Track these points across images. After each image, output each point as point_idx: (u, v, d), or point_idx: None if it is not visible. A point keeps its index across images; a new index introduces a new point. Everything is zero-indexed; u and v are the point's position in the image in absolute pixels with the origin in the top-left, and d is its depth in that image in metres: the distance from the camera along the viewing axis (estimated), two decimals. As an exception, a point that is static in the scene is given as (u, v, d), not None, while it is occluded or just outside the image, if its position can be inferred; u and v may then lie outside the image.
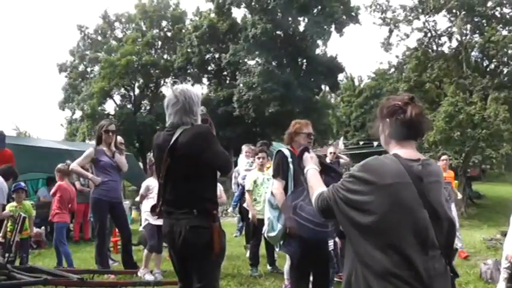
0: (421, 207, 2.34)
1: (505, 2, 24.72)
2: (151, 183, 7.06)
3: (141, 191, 7.21)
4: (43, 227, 11.17)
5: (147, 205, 7.03)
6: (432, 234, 2.34)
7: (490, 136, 21.76)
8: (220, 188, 7.31)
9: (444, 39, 27.24)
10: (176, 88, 3.83)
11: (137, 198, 8.06)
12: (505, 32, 24.73)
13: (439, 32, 27.03)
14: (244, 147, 9.93)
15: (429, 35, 27.13)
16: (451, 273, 2.43)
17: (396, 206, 2.32)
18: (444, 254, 2.38)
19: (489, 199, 22.33)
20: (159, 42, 41.56)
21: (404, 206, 2.33)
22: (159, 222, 6.99)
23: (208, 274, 3.71)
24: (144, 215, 7.11)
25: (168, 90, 40.38)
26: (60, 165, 8.49)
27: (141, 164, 29.21)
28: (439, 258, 2.36)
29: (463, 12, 24.79)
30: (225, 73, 37.95)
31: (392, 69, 29.71)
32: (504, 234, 9.64)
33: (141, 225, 13.68)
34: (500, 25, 24.86)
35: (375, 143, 34.61)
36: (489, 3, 24.87)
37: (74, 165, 7.24)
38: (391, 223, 2.31)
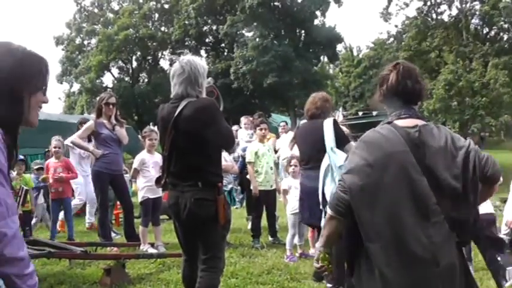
0: (419, 175, 2.35)
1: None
2: (146, 157, 7.01)
3: (135, 165, 7.07)
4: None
5: (143, 180, 7.00)
6: (433, 200, 2.33)
7: (489, 103, 21.73)
8: (230, 158, 7.30)
9: (444, 7, 27.14)
10: (183, 59, 3.79)
11: (130, 174, 7.98)
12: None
13: (438, 0, 26.82)
14: (243, 119, 9.91)
15: (429, 3, 26.94)
16: (458, 239, 2.42)
17: (396, 175, 2.34)
18: (448, 220, 2.36)
19: (488, 167, 22.36)
20: (156, 15, 41.24)
21: (404, 174, 2.35)
22: (157, 195, 7.02)
23: (214, 245, 3.72)
24: (142, 191, 7.02)
25: (166, 62, 40.39)
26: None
27: (140, 137, 29.16)
28: (442, 224, 2.35)
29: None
30: (223, 45, 37.75)
31: (392, 39, 29.59)
32: (504, 200, 9.68)
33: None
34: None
35: (374, 113, 34.62)
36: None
37: (75, 137, 7.21)
38: (392, 192, 2.33)
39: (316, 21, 34.98)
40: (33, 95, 1.82)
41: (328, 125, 5.05)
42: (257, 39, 31.78)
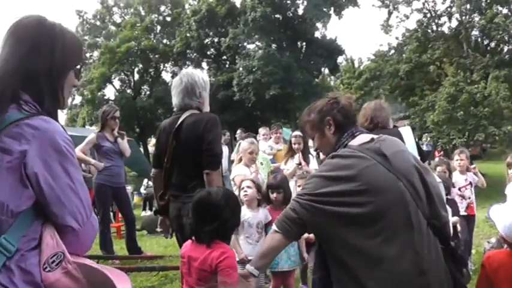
0: (396, 182, 2.34)
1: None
2: None
3: None
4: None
5: None
6: (414, 206, 2.33)
7: (491, 114, 21.70)
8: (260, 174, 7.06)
9: (444, 19, 27.22)
10: (182, 71, 3.93)
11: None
12: (505, 11, 24.63)
13: (438, 13, 26.95)
14: (262, 130, 9.57)
15: (429, 15, 27.04)
16: (441, 245, 2.41)
17: (375, 189, 2.32)
18: (431, 224, 2.37)
19: (490, 178, 22.23)
20: (158, 27, 41.40)
21: (382, 186, 2.33)
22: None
23: (215, 257, 3.72)
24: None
25: (168, 75, 40.66)
26: None
27: (141, 150, 29.14)
28: (427, 231, 2.35)
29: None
30: (225, 57, 37.86)
31: (392, 51, 29.63)
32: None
33: (143, 210, 13.72)
34: (499, 4, 24.75)
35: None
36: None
37: (76, 151, 7.21)
38: (378, 207, 2.30)
39: (317, 34, 35.06)
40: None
41: (408, 133, 4.41)
42: (260, 51, 31.87)
